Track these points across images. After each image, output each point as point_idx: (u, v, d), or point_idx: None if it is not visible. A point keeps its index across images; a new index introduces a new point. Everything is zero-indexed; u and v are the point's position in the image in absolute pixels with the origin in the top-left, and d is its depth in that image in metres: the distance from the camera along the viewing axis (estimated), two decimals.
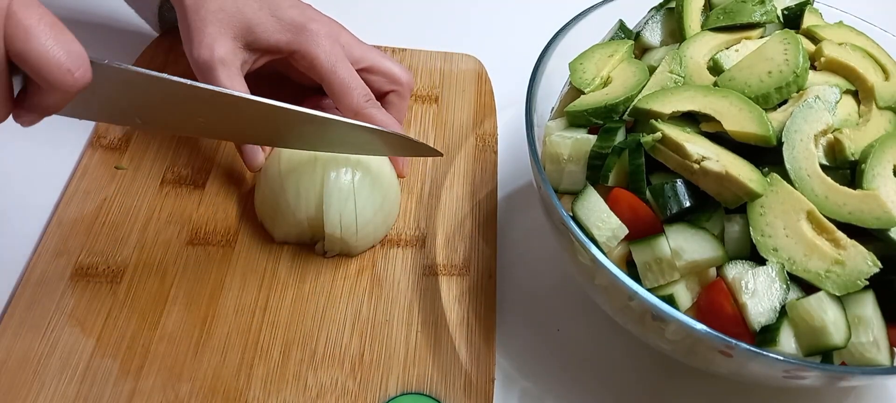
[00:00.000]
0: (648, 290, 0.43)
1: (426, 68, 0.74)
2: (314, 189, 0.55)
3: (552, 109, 0.58)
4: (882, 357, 0.43)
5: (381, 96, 0.62)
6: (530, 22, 0.80)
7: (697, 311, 0.45)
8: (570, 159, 0.50)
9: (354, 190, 0.55)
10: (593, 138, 0.49)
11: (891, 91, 0.51)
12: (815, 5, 0.59)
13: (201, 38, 0.54)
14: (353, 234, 0.55)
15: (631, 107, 0.50)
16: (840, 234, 0.44)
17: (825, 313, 0.42)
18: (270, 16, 0.56)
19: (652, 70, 0.53)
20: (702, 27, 0.57)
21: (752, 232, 0.44)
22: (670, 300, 0.45)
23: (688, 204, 0.46)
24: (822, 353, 0.43)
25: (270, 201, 0.57)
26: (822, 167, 0.46)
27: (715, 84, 0.51)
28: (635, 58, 0.57)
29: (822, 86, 0.50)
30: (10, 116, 0.42)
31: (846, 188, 0.45)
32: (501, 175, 0.66)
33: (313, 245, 0.58)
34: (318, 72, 0.57)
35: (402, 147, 0.57)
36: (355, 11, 0.80)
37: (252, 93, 0.51)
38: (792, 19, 0.56)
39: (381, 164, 0.59)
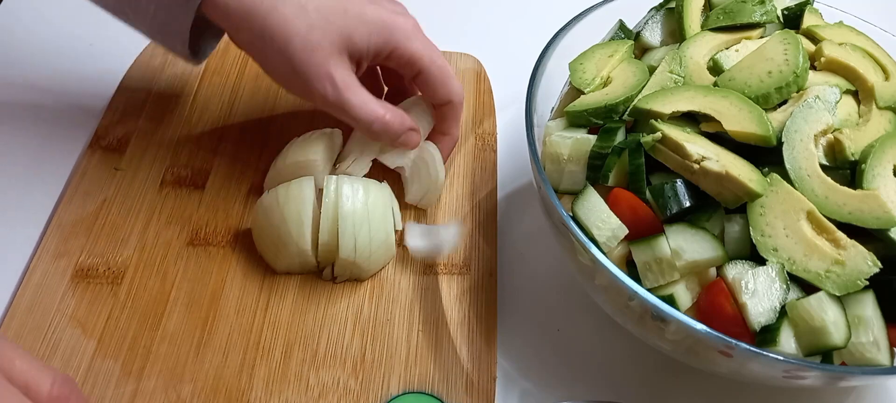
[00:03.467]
0: (648, 290, 0.43)
1: None
2: (327, 214, 0.54)
3: (552, 109, 0.58)
4: (882, 357, 0.43)
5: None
6: (530, 21, 0.80)
7: (697, 311, 0.45)
8: (570, 159, 0.50)
9: (369, 211, 0.54)
10: (593, 138, 0.49)
11: (891, 91, 0.51)
12: (815, 5, 0.59)
13: (318, 74, 0.51)
14: (367, 258, 0.55)
15: (631, 107, 0.50)
16: (840, 234, 0.44)
17: (825, 313, 0.42)
18: (361, 22, 0.53)
19: (652, 70, 0.54)
20: (702, 27, 0.57)
21: (752, 232, 0.45)
22: (670, 300, 0.45)
23: (688, 204, 0.46)
24: (822, 353, 0.44)
25: (270, 234, 0.55)
26: (822, 167, 0.46)
27: (715, 84, 0.51)
28: (635, 58, 0.57)
29: (822, 86, 0.50)
30: None
31: (846, 188, 0.46)
32: (501, 175, 0.66)
33: (319, 272, 0.57)
34: (416, 66, 0.56)
35: None
36: None
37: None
38: (792, 19, 0.57)
39: (386, 184, 0.59)
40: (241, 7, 0.50)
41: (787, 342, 0.43)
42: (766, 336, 0.43)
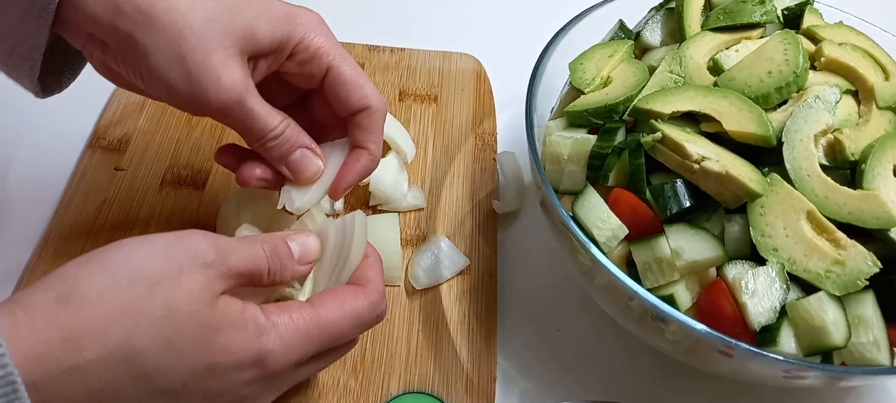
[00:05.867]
0: (648, 290, 0.43)
1: (425, 68, 0.74)
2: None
3: (552, 109, 0.58)
4: (882, 357, 0.43)
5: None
6: (530, 21, 0.80)
7: (697, 311, 0.45)
8: (570, 159, 0.50)
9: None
10: (593, 138, 0.49)
11: (891, 91, 0.51)
12: (815, 5, 0.59)
13: (218, 78, 0.41)
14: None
15: (631, 107, 0.50)
16: (840, 234, 0.44)
17: (825, 313, 0.42)
18: (265, 14, 0.44)
19: (652, 70, 0.54)
20: (702, 27, 0.57)
21: (752, 232, 0.45)
22: (670, 300, 0.45)
23: (688, 204, 0.46)
24: (822, 353, 0.44)
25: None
26: (822, 167, 0.46)
27: (715, 84, 0.51)
28: (635, 58, 0.57)
29: (822, 86, 0.50)
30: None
31: (846, 188, 0.46)
32: None
33: None
34: (323, 62, 0.46)
35: None
36: (353, 10, 0.81)
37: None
38: (792, 19, 0.57)
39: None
40: None
41: (787, 342, 0.43)
42: (766, 336, 0.43)
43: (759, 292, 0.43)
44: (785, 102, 0.50)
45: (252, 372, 0.37)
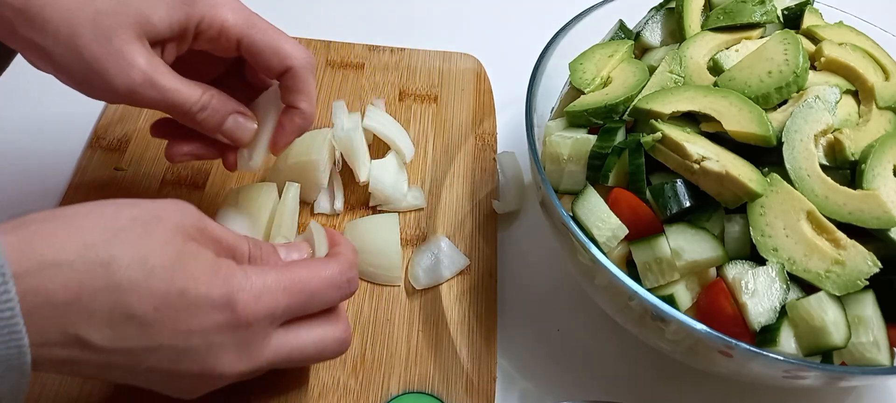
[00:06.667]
0: (648, 290, 0.43)
1: (425, 68, 0.74)
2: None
3: (552, 109, 0.58)
4: (882, 357, 0.43)
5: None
6: (529, 21, 0.80)
7: (697, 311, 0.45)
8: (570, 159, 0.50)
9: None
10: (593, 138, 0.49)
11: (891, 91, 0.51)
12: (815, 5, 0.59)
13: (119, 65, 0.43)
14: None
15: (631, 107, 0.50)
16: (840, 234, 0.44)
17: (825, 313, 0.42)
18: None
19: (652, 70, 0.54)
20: (702, 27, 0.57)
21: (752, 232, 0.45)
22: (670, 300, 0.45)
23: (688, 204, 0.46)
24: (822, 353, 0.44)
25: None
26: (822, 167, 0.46)
27: (715, 84, 0.51)
28: (635, 58, 0.57)
29: (822, 86, 0.50)
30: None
31: (846, 188, 0.46)
32: None
33: None
34: (232, 36, 0.47)
35: None
36: (353, 10, 0.81)
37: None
38: (792, 19, 0.57)
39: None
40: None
41: (787, 342, 0.43)
42: (766, 336, 0.43)
43: (759, 292, 0.43)
44: (785, 102, 0.50)
45: (222, 315, 0.38)
